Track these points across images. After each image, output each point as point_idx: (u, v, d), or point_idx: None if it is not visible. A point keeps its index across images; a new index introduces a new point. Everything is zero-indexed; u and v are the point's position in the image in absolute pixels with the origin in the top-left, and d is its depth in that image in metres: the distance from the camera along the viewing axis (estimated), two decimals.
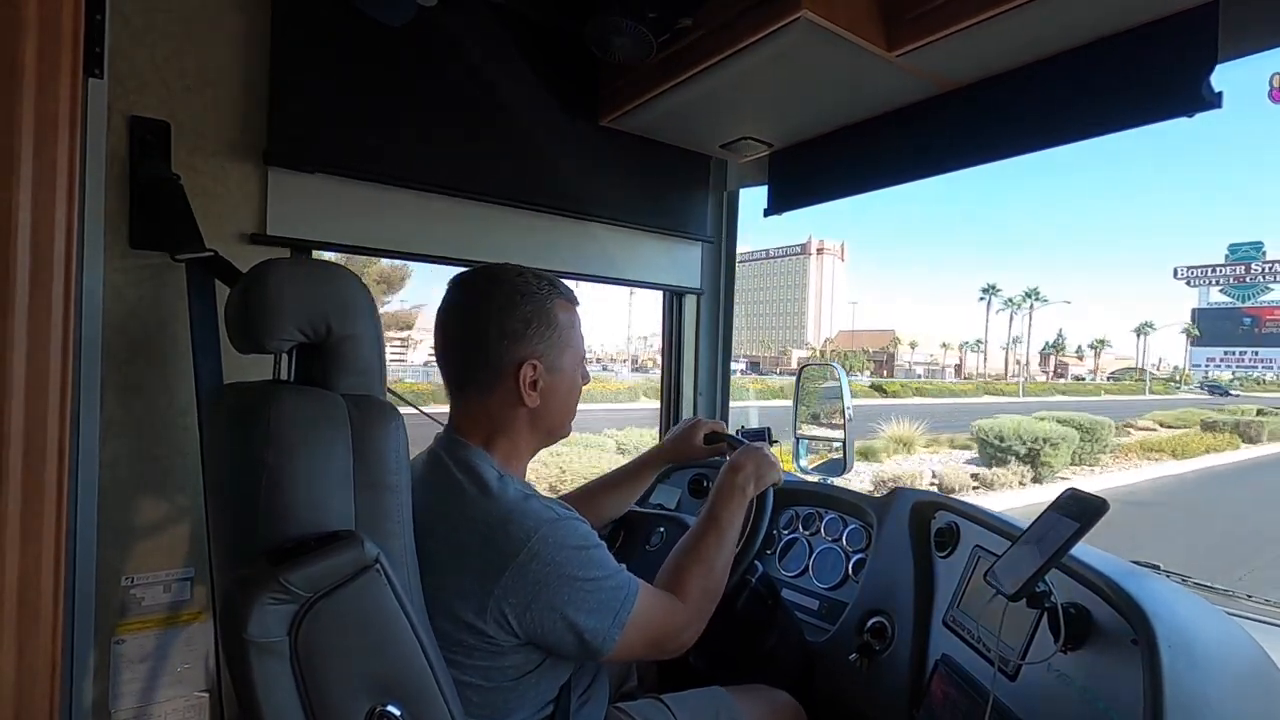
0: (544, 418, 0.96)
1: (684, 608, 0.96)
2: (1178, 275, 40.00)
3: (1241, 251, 37.43)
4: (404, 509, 0.79)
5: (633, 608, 0.88)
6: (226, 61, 1.17)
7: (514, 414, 0.94)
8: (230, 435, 0.78)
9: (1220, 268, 38.04)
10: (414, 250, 1.42)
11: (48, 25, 0.57)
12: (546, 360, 0.93)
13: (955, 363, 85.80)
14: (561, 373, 0.95)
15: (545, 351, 0.92)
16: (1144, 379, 68.55)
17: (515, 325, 0.91)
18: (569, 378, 0.97)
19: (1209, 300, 38.84)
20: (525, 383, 0.91)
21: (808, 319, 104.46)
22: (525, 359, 0.91)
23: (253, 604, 0.66)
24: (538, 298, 0.93)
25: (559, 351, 0.94)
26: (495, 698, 0.87)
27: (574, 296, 0.99)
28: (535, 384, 0.92)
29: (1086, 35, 1.13)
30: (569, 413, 1.00)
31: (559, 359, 0.94)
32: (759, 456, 1.13)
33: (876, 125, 1.50)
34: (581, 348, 0.99)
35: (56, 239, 0.57)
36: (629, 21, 1.25)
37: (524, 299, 0.92)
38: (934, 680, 1.06)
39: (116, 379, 1.08)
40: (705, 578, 1.00)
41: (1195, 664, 0.75)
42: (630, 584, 0.90)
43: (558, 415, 0.98)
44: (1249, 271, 36.68)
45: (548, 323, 0.93)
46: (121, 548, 1.10)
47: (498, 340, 0.91)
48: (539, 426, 0.96)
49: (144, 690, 1.12)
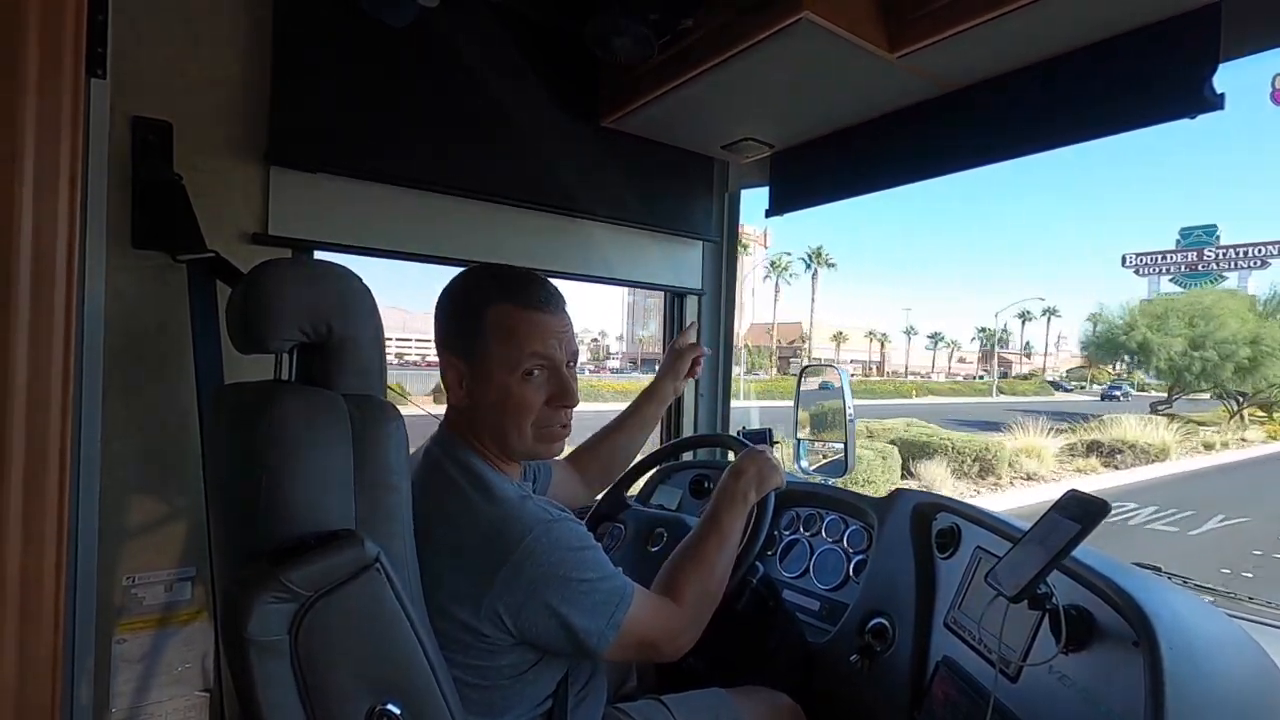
0: (482, 419, 0.92)
1: (680, 612, 0.96)
2: (1126, 263, 37.43)
3: (1193, 236, 34.83)
4: (404, 509, 0.80)
5: (628, 610, 0.88)
6: (228, 62, 1.17)
7: (459, 411, 0.94)
8: (231, 435, 0.78)
9: (1171, 254, 35.29)
10: (415, 250, 1.42)
11: (50, 25, 0.57)
12: (469, 363, 0.90)
13: (877, 359, 78.38)
14: (489, 381, 0.90)
15: (464, 350, 0.91)
16: (992, 375, 61.64)
17: (445, 321, 0.93)
18: (498, 385, 0.89)
19: (1159, 291, 35.49)
20: (447, 378, 0.93)
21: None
22: (447, 354, 0.92)
23: (253, 603, 0.66)
24: (470, 298, 0.91)
25: (481, 357, 0.89)
26: (492, 695, 0.87)
27: (541, 303, 0.91)
28: (460, 382, 0.92)
29: (1089, 36, 1.13)
30: (513, 426, 0.91)
31: (483, 364, 0.89)
32: (762, 461, 1.13)
33: (878, 126, 1.50)
34: (521, 360, 0.89)
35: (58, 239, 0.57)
36: (630, 22, 1.25)
37: (456, 297, 0.93)
38: (935, 682, 1.06)
39: (118, 379, 1.08)
40: (704, 582, 1.00)
41: (1197, 666, 0.75)
42: (626, 586, 0.90)
43: (494, 421, 0.91)
44: (1201, 258, 34.07)
45: (471, 323, 0.90)
46: (122, 547, 1.10)
47: (438, 336, 0.94)
48: (482, 428, 0.92)
49: (144, 689, 1.12)
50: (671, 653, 0.96)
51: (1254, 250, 31.94)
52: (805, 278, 63.73)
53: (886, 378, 64.81)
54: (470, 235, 1.47)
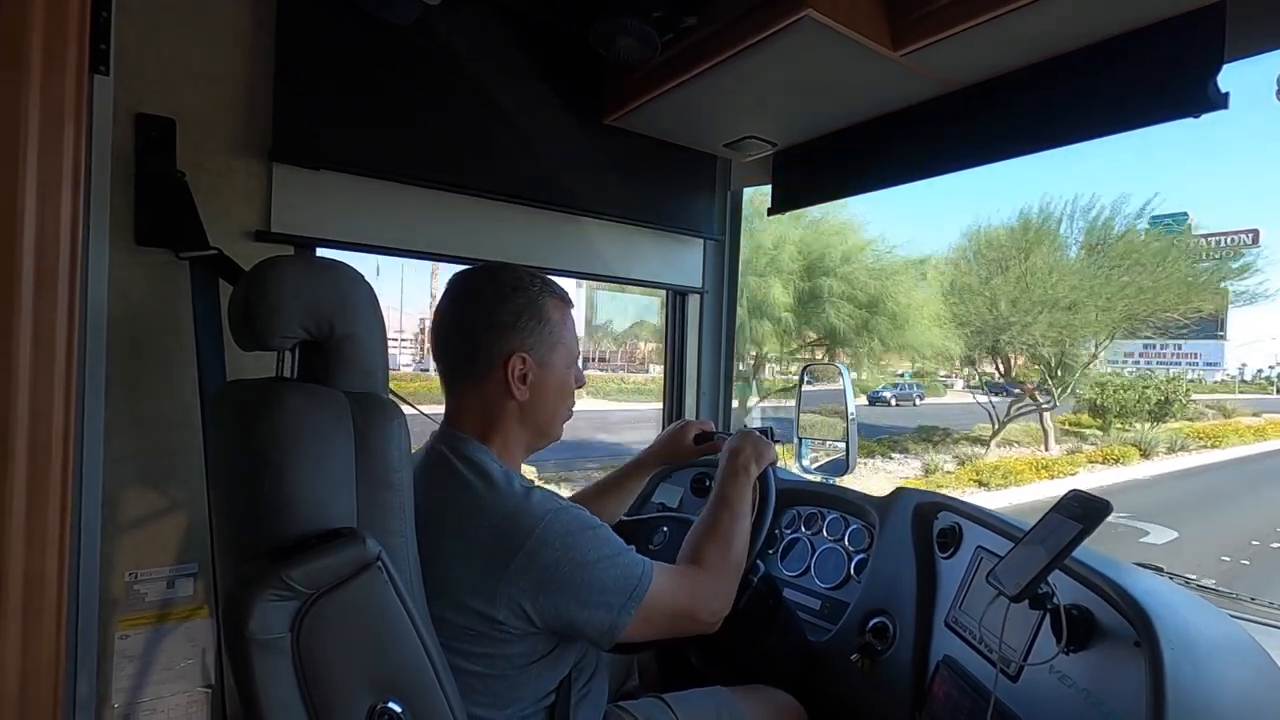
0: (533, 413, 0.96)
1: (706, 576, 0.97)
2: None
3: (1163, 225, 35.93)
4: (406, 507, 0.80)
5: (649, 584, 0.88)
6: (232, 58, 1.17)
7: (504, 407, 0.95)
8: (233, 432, 0.78)
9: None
10: (418, 248, 1.42)
11: (54, 22, 0.57)
12: (536, 354, 0.94)
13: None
14: (551, 369, 0.96)
15: (535, 345, 0.94)
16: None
17: (505, 318, 0.93)
18: (559, 375, 0.98)
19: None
20: (514, 375, 0.93)
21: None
22: (514, 351, 0.92)
23: (255, 601, 0.67)
24: (530, 293, 0.95)
25: (549, 347, 0.95)
26: (498, 685, 0.87)
27: (568, 298, 0.99)
28: (525, 377, 0.93)
29: (1092, 35, 1.13)
30: (559, 411, 1.01)
31: (549, 355, 0.95)
32: (753, 438, 1.17)
33: (881, 125, 1.50)
34: (574, 348, 1.00)
35: (62, 236, 0.57)
36: (633, 21, 1.25)
37: (515, 293, 0.94)
38: (936, 681, 1.06)
39: (121, 375, 1.09)
40: (726, 548, 1.01)
41: (1198, 666, 0.75)
42: (643, 562, 0.90)
43: (547, 411, 0.98)
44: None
45: (538, 317, 0.94)
46: (125, 543, 1.10)
47: (487, 332, 0.93)
48: (528, 422, 0.97)
49: (146, 684, 1.13)
50: (707, 618, 0.96)
51: (1226, 240, 31.15)
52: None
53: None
54: (473, 233, 1.47)
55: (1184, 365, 31.05)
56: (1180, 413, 18.19)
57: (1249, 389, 59.96)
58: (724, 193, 1.94)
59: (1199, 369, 31.26)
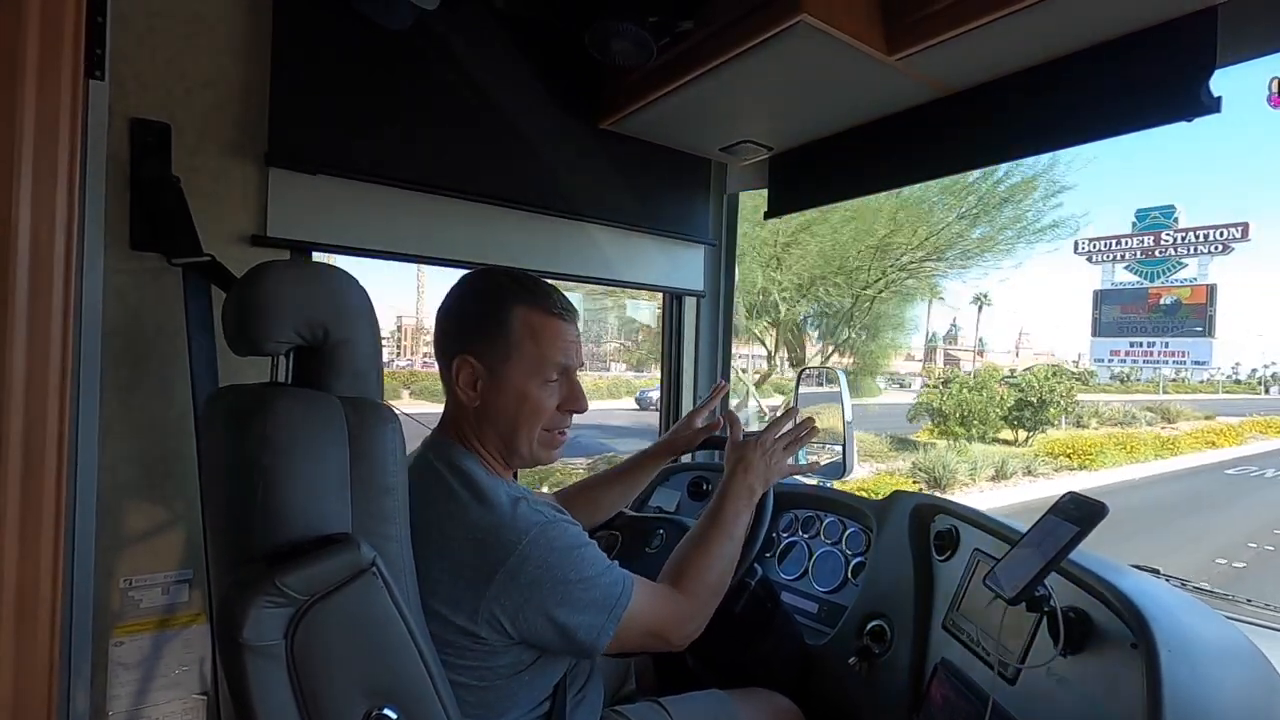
0: (490, 422, 0.93)
1: (685, 599, 0.97)
2: (1079, 249, 31.70)
3: (1150, 219, 29.79)
4: (401, 512, 0.79)
5: (628, 603, 0.88)
6: (227, 64, 1.17)
7: (465, 413, 0.94)
8: (227, 438, 0.78)
9: (1126, 239, 30.35)
10: (414, 252, 1.42)
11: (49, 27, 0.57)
12: (486, 361, 0.91)
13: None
14: (505, 380, 0.91)
15: (485, 352, 0.91)
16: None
17: (465, 320, 0.93)
18: (516, 388, 0.91)
19: (1114, 280, 30.89)
20: (460, 379, 0.92)
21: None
22: (459, 353, 0.91)
23: (249, 607, 0.66)
24: (495, 299, 0.92)
25: (502, 357, 0.90)
26: (489, 696, 0.87)
27: (558, 310, 0.93)
28: (475, 384, 0.91)
29: (1086, 40, 1.14)
30: (520, 426, 0.92)
31: (502, 365, 0.91)
32: (768, 455, 1.13)
33: (876, 129, 1.50)
34: (545, 363, 0.92)
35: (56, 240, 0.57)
36: (629, 25, 1.26)
37: (478, 297, 0.93)
38: (933, 684, 1.06)
39: (115, 381, 1.08)
40: (709, 570, 1.00)
41: (1195, 669, 0.75)
42: (624, 579, 0.90)
43: (504, 424, 0.92)
44: (1159, 243, 29.27)
45: (495, 325, 0.91)
46: (119, 550, 1.10)
47: (445, 334, 0.93)
48: (488, 431, 0.93)
49: (141, 692, 1.12)
50: (678, 641, 0.96)
51: (1215, 234, 26.91)
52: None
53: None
54: (468, 237, 1.47)
55: (1171, 364, 28.46)
56: (1059, 418, 15.26)
57: (1238, 389, 56.80)
58: (720, 196, 1.94)
59: (1187, 367, 29.19)
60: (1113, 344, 30.78)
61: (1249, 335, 54.68)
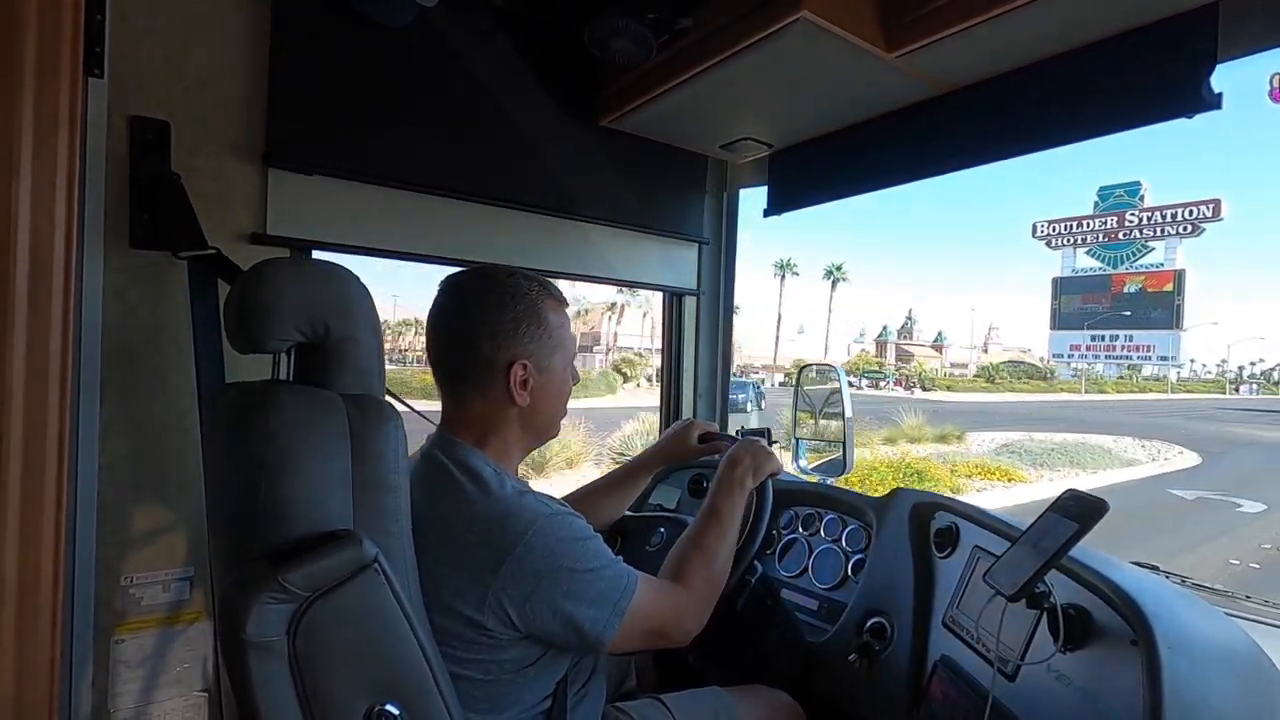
0: (534, 417, 0.97)
1: (687, 595, 0.97)
2: (1037, 233, 29.35)
3: (1113, 197, 27.15)
4: (403, 508, 0.80)
5: (632, 597, 0.88)
6: (227, 62, 1.17)
7: (505, 414, 0.94)
8: (229, 435, 0.78)
9: (1088, 221, 27.53)
10: (413, 250, 1.42)
11: (48, 25, 0.57)
12: (536, 360, 0.93)
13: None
14: (551, 372, 0.96)
15: (535, 351, 0.93)
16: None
17: (506, 325, 0.92)
18: (559, 377, 0.98)
19: (1075, 266, 28.25)
20: (515, 382, 0.92)
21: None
22: (515, 359, 0.92)
23: (251, 603, 0.66)
24: (529, 298, 0.94)
25: (549, 351, 0.95)
26: (493, 690, 0.87)
27: (564, 298, 1.00)
28: (526, 383, 0.93)
29: (1086, 37, 1.13)
30: (558, 412, 1.02)
31: (549, 359, 0.95)
32: (756, 449, 1.15)
33: (876, 126, 1.50)
34: (572, 348, 1.00)
35: (56, 238, 0.57)
36: (629, 22, 1.25)
37: (514, 299, 0.93)
38: (933, 681, 1.06)
39: (116, 379, 1.08)
40: (707, 567, 1.01)
41: (1194, 665, 0.75)
42: (629, 574, 0.90)
43: (547, 414, 0.99)
44: (1122, 224, 26.53)
45: (538, 323, 0.93)
46: (121, 548, 1.10)
47: (489, 340, 0.91)
48: (529, 426, 0.97)
49: (143, 690, 1.12)
50: (680, 638, 0.97)
51: (1183, 213, 23.88)
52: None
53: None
54: (468, 236, 1.47)
55: (1136, 359, 25.91)
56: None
57: (1200, 387, 50.83)
58: (719, 194, 1.94)
59: (1153, 363, 27.03)
60: (1071, 337, 27.58)
61: (1219, 328, 51.77)
